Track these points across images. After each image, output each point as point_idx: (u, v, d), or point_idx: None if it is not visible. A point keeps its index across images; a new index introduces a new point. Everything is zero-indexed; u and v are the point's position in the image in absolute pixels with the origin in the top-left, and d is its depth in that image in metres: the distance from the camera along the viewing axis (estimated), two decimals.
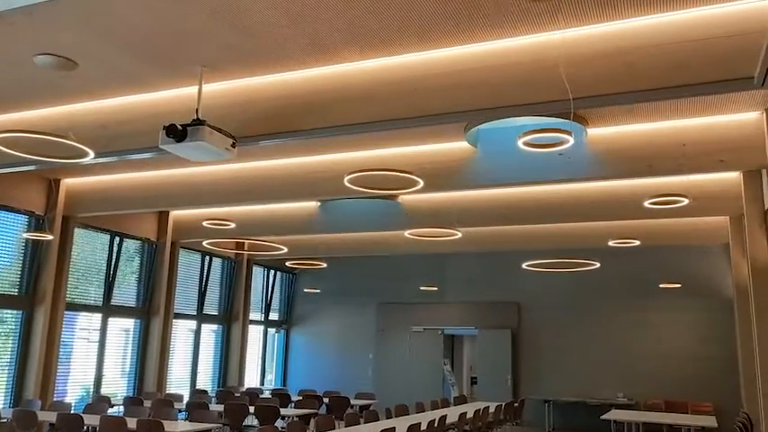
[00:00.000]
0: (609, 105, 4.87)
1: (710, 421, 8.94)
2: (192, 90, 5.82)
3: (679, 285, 11.74)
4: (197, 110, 5.30)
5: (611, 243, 8.77)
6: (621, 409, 11.65)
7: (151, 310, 11.49)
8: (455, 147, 7.33)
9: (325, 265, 12.36)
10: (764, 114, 6.03)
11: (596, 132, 6.76)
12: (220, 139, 5.32)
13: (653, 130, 6.56)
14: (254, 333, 14.94)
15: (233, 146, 5.54)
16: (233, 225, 10.05)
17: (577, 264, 10.20)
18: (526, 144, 4.88)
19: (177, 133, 5.19)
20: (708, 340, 12.09)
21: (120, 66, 5.38)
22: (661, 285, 11.87)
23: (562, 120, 6.33)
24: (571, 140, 4.73)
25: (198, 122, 5.19)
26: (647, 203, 6.44)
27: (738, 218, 9.93)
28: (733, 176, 8.27)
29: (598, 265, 9.89)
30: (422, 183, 6.26)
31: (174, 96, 6.02)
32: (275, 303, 15.69)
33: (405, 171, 5.89)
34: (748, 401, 9.55)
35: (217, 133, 5.26)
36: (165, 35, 4.77)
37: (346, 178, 6.13)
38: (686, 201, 6.95)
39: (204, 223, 10.21)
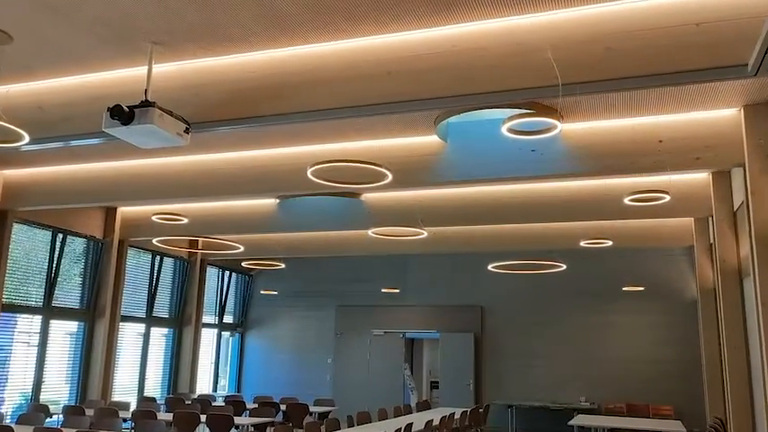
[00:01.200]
0: (588, 93, 4.57)
1: (677, 426, 8.82)
2: (141, 71, 5.31)
3: (642, 288, 11.68)
4: (146, 90, 4.82)
5: (582, 244, 8.57)
6: (584, 413, 11.51)
7: (96, 313, 10.80)
8: (425, 141, 6.98)
9: (283, 265, 11.87)
10: (742, 111, 5.87)
11: (570, 128, 6.51)
12: (172, 123, 4.85)
13: (629, 127, 6.35)
14: (208, 337, 14.31)
15: (186, 131, 5.06)
16: (185, 220, 9.48)
17: (543, 265, 9.99)
18: (510, 131, 4.54)
19: (123, 115, 4.70)
20: (669, 343, 12.07)
21: (60, 41, 4.85)
22: (624, 288, 11.79)
23: (537, 115, 6.07)
24: (559, 126, 4.42)
25: (147, 104, 4.71)
26: (626, 200, 6.23)
27: (703, 220, 9.90)
28: (702, 177, 8.17)
29: (564, 267, 9.70)
30: (390, 176, 5.90)
31: (122, 77, 5.51)
32: (230, 306, 15.08)
33: (372, 163, 5.51)
34: (712, 405, 9.49)
35: (168, 116, 4.78)
36: (111, 7, 4.28)
37: (310, 170, 5.71)
38: (667, 197, 6.77)
39: (153, 218, 9.59)
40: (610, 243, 8.27)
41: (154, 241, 9.94)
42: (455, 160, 6.92)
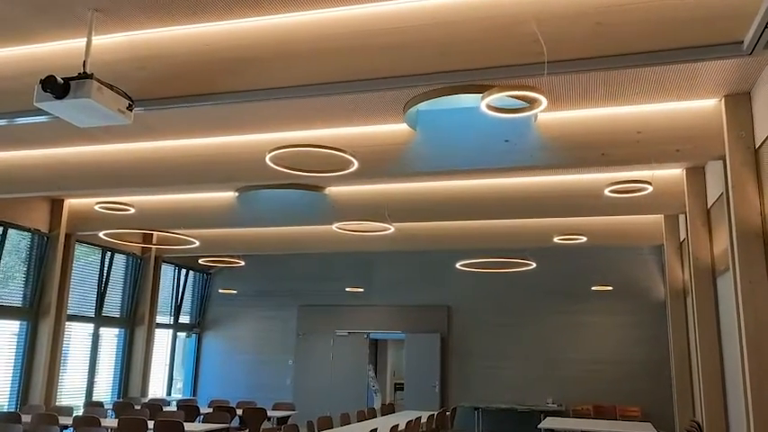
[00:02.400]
0: (574, 72, 4.24)
1: (648, 428, 8.62)
2: (80, 42, 4.78)
3: (611, 288, 11.51)
4: (84, 62, 4.31)
5: (556, 239, 8.29)
6: (551, 415, 11.27)
7: (40, 311, 10.10)
8: (393, 129, 6.59)
9: (242, 263, 11.33)
10: (723, 101, 5.64)
11: (546, 117, 6.20)
12: (112, 98, 4.34)
13: (606, 116, 6.07)
14: (162, 338, 13.65)
15: (129, 108, 4.56)
16: (132, 210, 8.86)
17: (513, 264, 9.70)
18: (489, 107, 4.18)
19: (57, 88, 4.18)
20: (636, 343, 11.92)
21: None
22: (593, 288, 11.60)
23: (514, 99, 5.73)
24: (544, 102, 4.07)
25: (84, 76, 4.20)
26: (607, 191, 5.91)
27: (673, 217, 9.75)
28: (675, 174, 7.97)
29: (534, 265, 9.42)
30: (356, 164, 5.48)
31: (61, 50, 4.97)
32: (187, 305, 14.43)
33: (337, 149, 5.09)
34: (681, 406, 9.34)
35: (108, 90, 4.28)
36: None
37: (269, 155, 5.25)
38: (650, 188, 6.51)
39: (96, 207, 8.92)
40: (584, 239, 8.00)
41: (101, 235, 9.30)
42: (424, 150, 6.55)
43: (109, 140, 7.18)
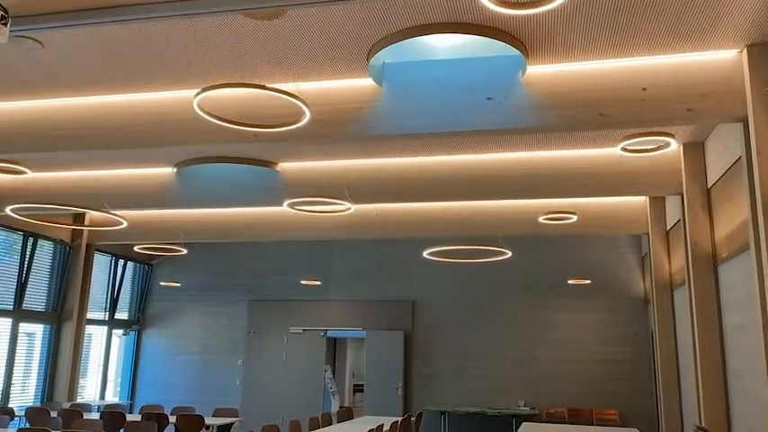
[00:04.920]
0: None
1: None
2: None
3: (588, 282, 10.67)
4: None
5: (541, 219, 7.35)
6: (524, 419, 10.38)
7: None
8: (354, 85, 5.55)
9: (184, 251, 10.09)
10: (745, 52, 4.76)
11: (536, 71, 5.24)
12: None
13: (607, 70, 5.14)
14: (96, 336, 12.30)
15: (2, 21, 3.43)
16: (28, 172, 7.50)
17: (485, 252, 8.75)
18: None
19: None
20: (613, 342, 11.12)
21: None
22: (570, 281, 10.74)
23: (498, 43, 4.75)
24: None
25: None
26: (620, 147, 4.86)
27: (659, 202, 8.95)
28: (670, 152, 7.12)
29: (509, 254, 8.48)
30: (308, 114, 4.40)
31: None
32: (125, 300, 13.07)
33: (281, 91, 4.01)
34: (667, 410, 8.52)
35: None
36: None
37: (197, 99, 4.13)
38: (673, 143, 5.59)
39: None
40: (574, 218, 7.09)
41: (8, 211, 7.97)
42: (391, 109, 5.51)
43: (11, 97, 5.93)
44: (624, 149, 4.68)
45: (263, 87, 3.92)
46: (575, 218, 7.13)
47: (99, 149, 5.93)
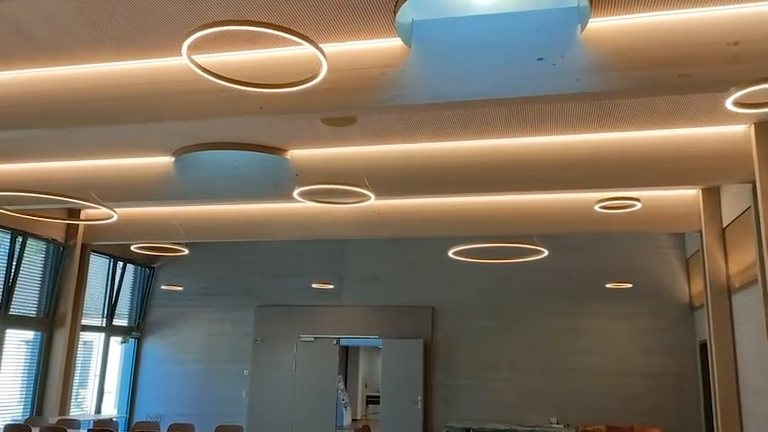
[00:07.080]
0: None
1: None
2: None
3: (630, 286, 9.71)
4: None
5: (597, 208, 6.43)
6: None
7: None
8: (378, 46, 4.70)
9: (185, 251, 9.26)
10: None
11: (598, 25, 4.36)
12: None
13: (686, 22, 4.24)
14: (93, 343, 11.48)
15: None
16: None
17: (517, 251, 7.83)
18: None
19: None
20: (655, 352, 10.14)
21: None
22: (608, 285, 9.79)
23: None
24: None
25: None
26: (730, 102, 3.89)
27: (714, 195, 8.00)
28: (733, 131, 6.19)
29: (546, 253, 7.57)
30: (324, 66, 3.53)
31: None
32: (125, 305, 12.24)
33: (296, 33, 3.15)
34: (724, 426, 7.55)
35: None
36: None
37: (186, 43, 3.29)
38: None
39: None
40: (638, 205, 6.17)
41: None
42: (422, 73, 4.63)
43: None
44: (734, 105, 3.70)
45: (269, 25, 3.05)
46: (638, 205, 6.19)
47: (73, 127, 5.09)
